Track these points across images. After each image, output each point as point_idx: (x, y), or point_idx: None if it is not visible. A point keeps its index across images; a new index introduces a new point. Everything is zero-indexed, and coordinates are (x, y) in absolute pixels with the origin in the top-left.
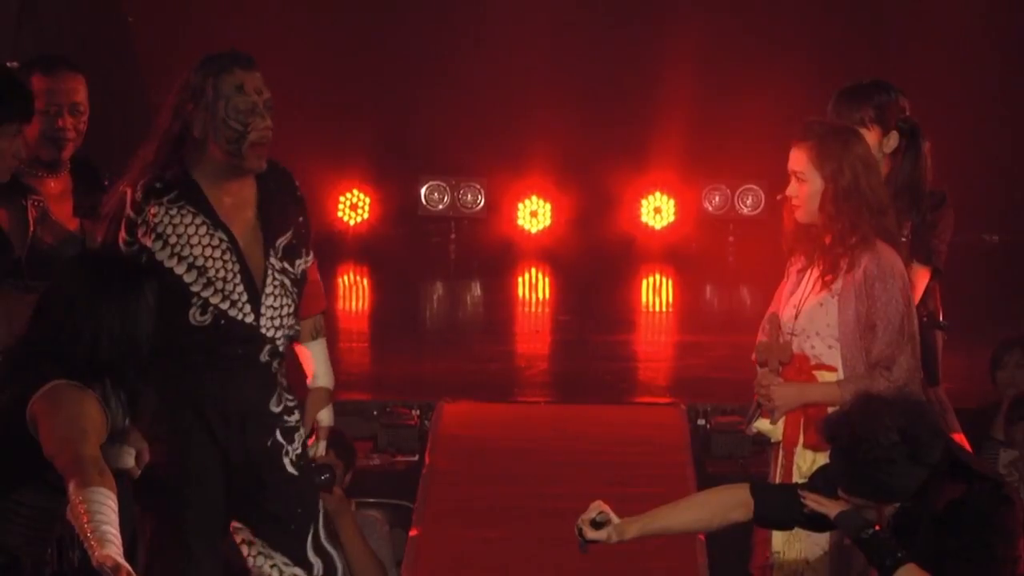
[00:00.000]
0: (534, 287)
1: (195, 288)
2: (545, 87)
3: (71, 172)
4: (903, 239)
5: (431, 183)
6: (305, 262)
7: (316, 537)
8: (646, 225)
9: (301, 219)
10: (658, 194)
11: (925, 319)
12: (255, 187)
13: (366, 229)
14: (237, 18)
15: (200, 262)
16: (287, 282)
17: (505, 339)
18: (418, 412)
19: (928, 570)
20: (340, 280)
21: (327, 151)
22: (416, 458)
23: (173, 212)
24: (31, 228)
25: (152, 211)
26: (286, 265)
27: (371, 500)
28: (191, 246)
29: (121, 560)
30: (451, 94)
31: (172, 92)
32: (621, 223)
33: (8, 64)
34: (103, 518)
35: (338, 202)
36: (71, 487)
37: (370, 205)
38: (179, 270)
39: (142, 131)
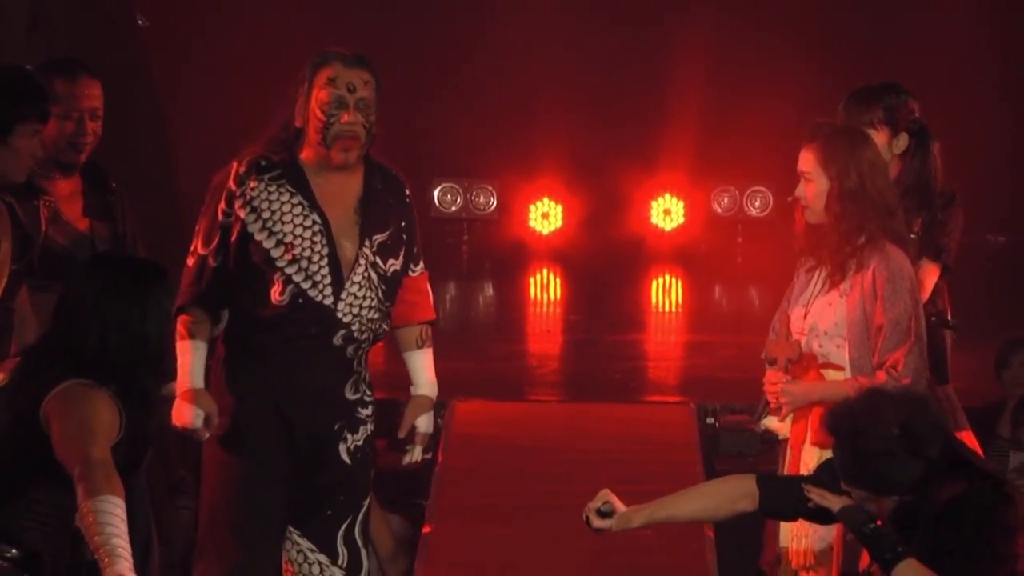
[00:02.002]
0: (545, 287)
1: (280, 264)
2: (556, 91)
3: (81, 173)
4: (913, 236)
5: (444, 185)
6: (408, 269)
7: (350, 529)
8: (656, 226)
9: (404, 224)
10: (668, 196)
11: (934, 318)
12: (360, 182)
13: None
14: (249, 22)
15: (289, 239)
16: (375, 277)
17: (517, 339)
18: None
19: (928, 566)
20: None
21: None
22: (429, 456)
23: (272, 188)
24: (43, 228)
25: (251, 184)
26: (378, 260)
27: (385, 498)
28: (283, 223)
29: (132, 574)
30: (464, 98)
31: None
32: (631, 224)
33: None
34: (112, 530)
35: None
36: (79, 493)
37: None
38: (268, 244)
39: (154, 135)
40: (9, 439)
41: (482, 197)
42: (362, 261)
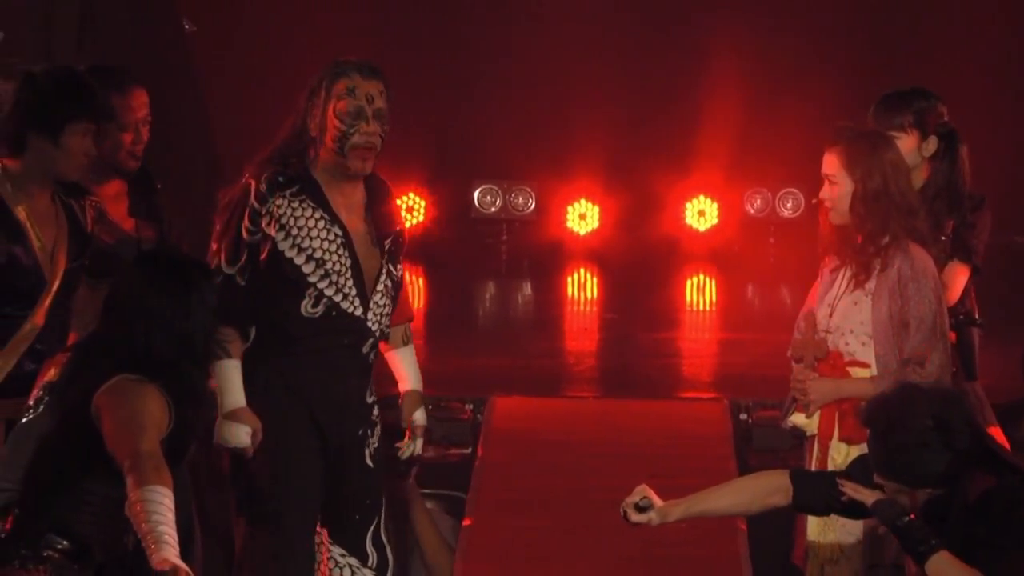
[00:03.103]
0: (582, 287)
1: (312, 279)
2: (593, 95)
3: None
4: (943, 238)
5: (484, 186)
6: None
7: (377, 530)
8: (690, 227)
9: (398, 229)
10: (702, 197)
11: (962, 317)
12: (363, 190)
13: (421, 231)
14: (291, 25)
15: (319, 254)
16: (390, 283)
17: (554, 336)
18: (471, 407)
19: (959, 558)
20: None
21: (384, 156)
22: (469, 451)
23: (295, 204)
24: (89, 227)
25: (277, 202)
26: (391, 267)
27: (427, 491)
28: (311, 238)
29: (178, 561)
30: (503, 102)
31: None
32: (666, 225)
33: None
34: (159, 518)
35: None
36: (129, 484)
37: (426, 208)
38: (298, 260)
39: (199, 137)
40: (61, 433)
41: (521, 198)
42: (384, 270)
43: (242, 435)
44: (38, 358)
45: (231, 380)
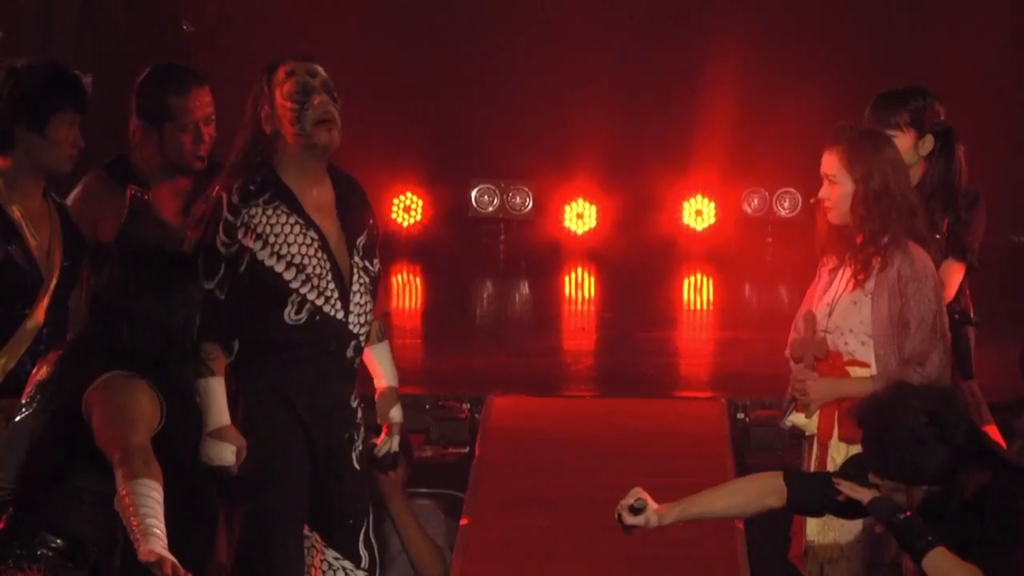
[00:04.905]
0: (580, 286)
1: (294, 285)
2: (591, 95)
3: (198, 173)
4: (938, 236)
5: (481, 186)
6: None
7: (367, 533)
8: (687, 227)
9: (372, 222)
10: (699, 197)
11: (957, 316)
12: (331, 189)
13: (419, 230)
14: (292, 27)
15: (298, 260)
16: (367, 280)
17: (552, 336)
18: (469, 406)
19: (956, 554)
20: (394, 279)
21: (382, 156)
22: (467, 450)
23: (269, 212)
24: (125, 213)
25: (251, 212)
26: (367, 263)
27: (424, 490)
28: (288, 244)
29: (165, 553)
30: (501, 101)
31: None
32: (663, 225)
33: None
34: (147, 511)
35: (392, 204)
36: (118, 478)
37: (423, 207)
38: (279, 268)
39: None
40: (53, 431)
41: (518, 198)
42: (356, 268)
43: (226, 453)
44: (38, 357)
45: (215, 397)
